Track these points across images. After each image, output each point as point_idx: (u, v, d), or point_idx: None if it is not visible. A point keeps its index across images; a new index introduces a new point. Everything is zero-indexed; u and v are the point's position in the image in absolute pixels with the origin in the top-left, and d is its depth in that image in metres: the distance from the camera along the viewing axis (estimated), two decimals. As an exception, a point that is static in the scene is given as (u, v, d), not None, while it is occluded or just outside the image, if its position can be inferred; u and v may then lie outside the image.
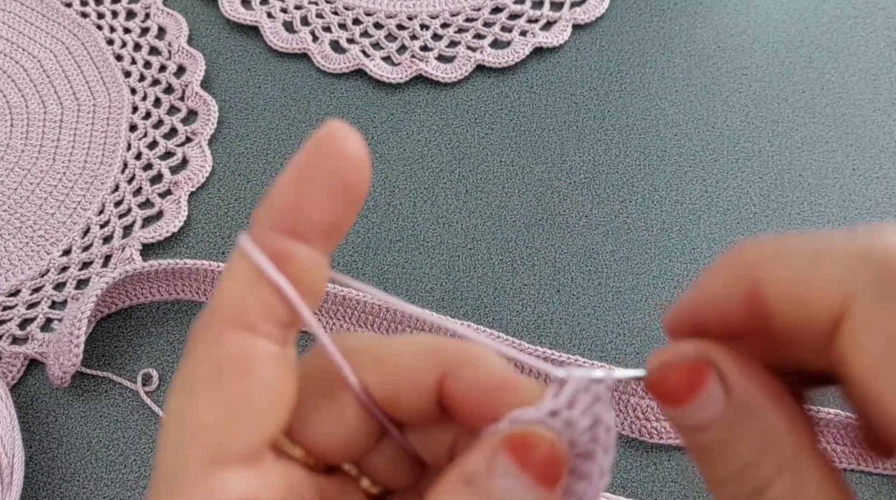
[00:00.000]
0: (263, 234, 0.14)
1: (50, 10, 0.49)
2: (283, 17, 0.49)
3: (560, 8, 0.49)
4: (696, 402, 0.14)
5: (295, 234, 0.14)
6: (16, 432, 0.33)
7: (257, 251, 0.14)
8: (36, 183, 0.43)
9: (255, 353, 0.14)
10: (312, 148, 0.14)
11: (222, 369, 0.14)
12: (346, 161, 0.14)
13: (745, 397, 0.14)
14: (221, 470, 0.14)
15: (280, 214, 0.14)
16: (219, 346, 0.14)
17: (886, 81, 0.47)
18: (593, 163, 0.44)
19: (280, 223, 0.14)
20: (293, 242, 0.14)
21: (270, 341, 0.14)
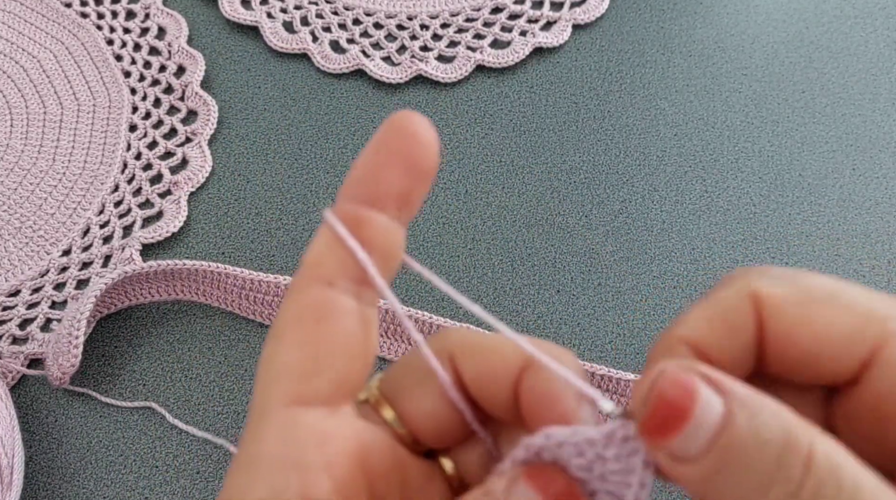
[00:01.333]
0: (343, 204, 0.16)
1: (50, 10, 0.49)
2: (283, 18, 0.49)
3: (560, 8, 0.49)
4: (694, 417, 0.13)
5: (371, 203, 0.16)
6: (16, 432, 0.33)
7: (334, 217, 0.16)
8: (36, 183, 0.43)
9: (333, 303, 0.16)
10: (386, 129, 0.16)
11: (303, 316, 0.16)
12: (415, 139, 0.16)
13: (742, 393, 0.13)
14: (301, 408, 0.15)
15: (356, 185, 0.16)
16: (301, 297, 0.16)
17: (886, 81, 0.47)
18: (593, 163, 0.44)
19: (357, 193, 0.16)
20: (368, 209, 0.16)
21: (348, 295, 0.16)
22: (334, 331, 0.16)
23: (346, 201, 0.16)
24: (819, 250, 0.41)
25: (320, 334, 0.16)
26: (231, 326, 0.39)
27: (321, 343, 0.15)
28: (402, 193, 0.16)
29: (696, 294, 0.40)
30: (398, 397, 0.17)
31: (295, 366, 0.15)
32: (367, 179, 0.16)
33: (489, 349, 0.17)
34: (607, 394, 0.37)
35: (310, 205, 0.42)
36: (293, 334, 0.16)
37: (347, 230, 0.16)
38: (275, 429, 0.15)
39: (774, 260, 0.41)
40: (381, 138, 0.16)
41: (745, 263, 0.41)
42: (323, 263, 0.16)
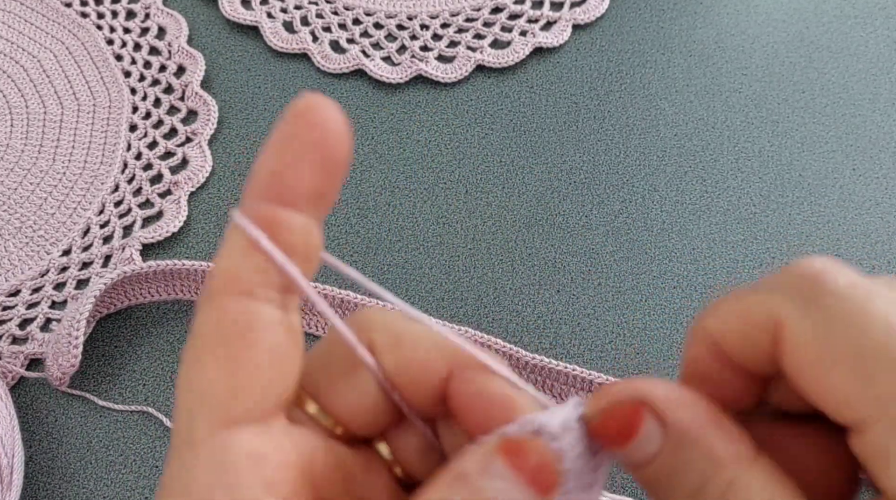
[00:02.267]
0: (252, 205, 0.15)
1: (50, 10, 0.49)
2: (283, 18, 0.49)
3: (560, 8, 0.49)
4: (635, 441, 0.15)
5: (283, 202, 0.15)
6: (16, 431, 0.33)
7: (246, 221, 0.15)
8: (36, 183, 0.43)
9: (256, 316, 0.15)
10: (292, 118, 0.15)
11: (225, 333, 0.15)
12: (326, 129, 0.15)
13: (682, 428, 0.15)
14: (231, 430, 0.14)
15: (265, 183, 0.15)
16: (220, 312, 0.15)
17: (887, 82, 0.47)
18: (593, 163, 0.44)
19: (266, 192, 0.15)
20: (281, 208, 0.15)
21: (271, 305, 0.15)
22: (259, 346, 0.15)
23: (255, 201, 0.15)
24: (819, 250, 0.41)
25: (244, 351, 0.14)
26: (231, 326, 0.39)
27: (246, 360, 0.14)
28: (317, 189, 0.15)
29: (696, 294, 0.40)
30: (322, 390, 0.16)
31: (220, 388, 0.14)
32: (277, 177, 0.15)
33: (415, 343, 0.16)
34: None
35: (310, 205, 0.42)
36: (215, 352, 0.14)
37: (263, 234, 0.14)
38: (206, 456, 0.14)
39: (774, 260, 0.41)
40: (289, 129, 0.15)
41: (745, 263, 0.41)
42: (240, 272, 0.15)
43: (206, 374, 0.14)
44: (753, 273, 0.40)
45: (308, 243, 0.15)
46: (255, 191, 0.15)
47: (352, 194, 0.43)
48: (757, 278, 0.42)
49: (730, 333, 0.15)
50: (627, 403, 0.15)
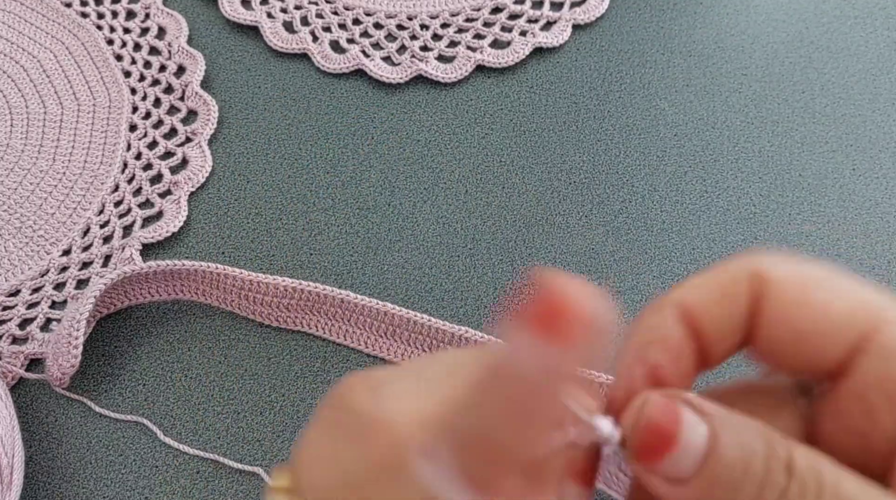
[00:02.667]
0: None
1: (50, 10, 0.49)
2: (283, 18, 0.49)
3: (560, 8, 0.49)
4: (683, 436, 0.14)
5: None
6: (16, 431, 0.33)
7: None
8: (36, 183, 0.43)
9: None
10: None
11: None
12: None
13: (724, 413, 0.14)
14: None
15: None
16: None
17: (887, 82, 0.47)
18: (593, 163, 0.44)
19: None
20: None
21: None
22: None
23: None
24: (819, 251, 0.41)
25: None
26: (231, 325, 0.39)
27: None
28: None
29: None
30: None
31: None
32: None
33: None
34: None
35: (310, 205, 0.42)
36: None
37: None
38: None
39: (774, 260, 0.41)
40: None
41: (745, 263, 0.41)
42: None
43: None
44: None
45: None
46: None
47: (352, 194, 0.43)
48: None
49: (704, 297, 0.16)
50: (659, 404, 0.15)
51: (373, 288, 0.40)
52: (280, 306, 0.38)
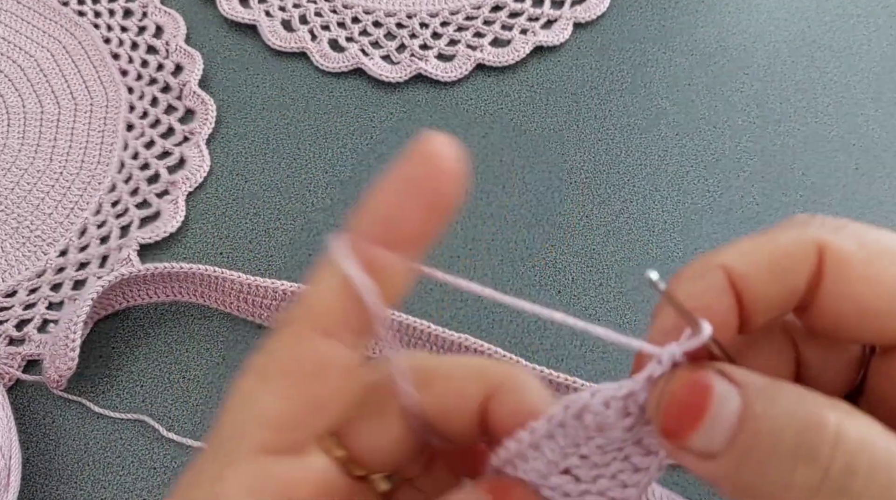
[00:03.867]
0: (359, 242, 0.15)
1: (46, 8, 0.49)
2: (282, 16, 0.48)
3: (561, 6, 0.49)
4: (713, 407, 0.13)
5: (389, 244, 0.15)
6: (13, 433, 0.33)
7: (352, 261, 0.15)
8: (33, 183, 0.43)
9: (330, 359, 0.15)
10: (412, 160, 0.15)
11: (299, 368, 0.15)
12: (443, 173, 0.15)
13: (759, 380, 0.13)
14: (271, 457, 0.15)
15: (377, 224, 0.15)
16: (300, 344, 0.15)
17: (889, 80, 0.46)
18: (593, 163, 0.43)
19: (376, 233, 0.15)
20: (386, 252, 0.15)
21: (346, 349, 0.15)
22: (324, 389, 0.15)
23: (360, 238, 0.15)
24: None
25: (310, 390, 0.15)
26: (229, 327, 0.39)
27: (309, 399, 0.15)
28: (424, 232, 0.15)
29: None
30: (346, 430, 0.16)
31: (276, 417, 0.15)
32: (388, 218, 0.15)
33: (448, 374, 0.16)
34: None
35: (308, 205, 0.42)
36: (281, 382, 0.15)
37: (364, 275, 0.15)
38: (242, 477, 0.14)
39: (776, 260, 0.41)
40: (408, 171, 0.15)
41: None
42: (330, 311, 0.15)
43: (269, 399, 0.15)
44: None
45: (401, 286, 0.15)
46: (365, 227, 0.15)
47: (351, 194, 0.42)
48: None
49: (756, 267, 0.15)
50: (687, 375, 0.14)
51: (372, 289, 0.40)
52: (279, 309, 0.38)
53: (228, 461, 0.15)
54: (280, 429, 0.15)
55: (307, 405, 0.15)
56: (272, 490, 0.15)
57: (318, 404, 0.15)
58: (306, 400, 0.15)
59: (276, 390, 0.15)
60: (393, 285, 0.15)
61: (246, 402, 0.15)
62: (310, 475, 0.15)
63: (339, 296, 0.15)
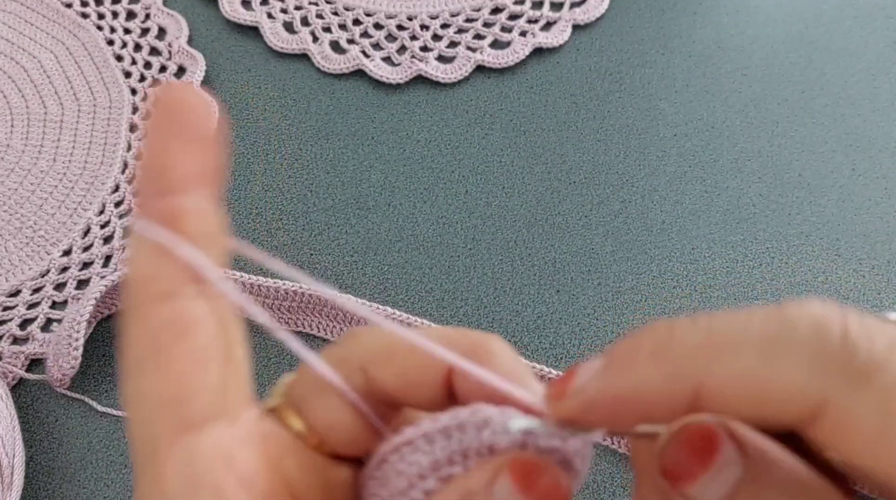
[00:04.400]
0: (146, 203, 0.15)
1: (50, 10, 0.49)
2: (284, 18, 0.49)
3: (560, 8, 0.49)
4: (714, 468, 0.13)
5: (174, 190, 0.15)
6: (16, 432, 0.33)
7: (145, 222, 0.15)
8: (36, 183, 0.43)
9: (182, 315, 0.14)
10: (159, 111, 0.15)
11: (157, 341, 0.14)
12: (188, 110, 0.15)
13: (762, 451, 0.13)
14: (194, 434, 0.14)
15: (152, 179, 0.15)
16: (146, 321, 0.14)
17: (886, 82, 0.47)
18: (593, 163, 0.44)
19: (156, 188, 0.15)
20: (171, 197, 0.15)
21: (194, 300, 0.15)
22: (195, 343, 0.14)
23: (149, 200, 0.15)
24: (819, 251, 0.41)
25: (181, 352, 0.14)
26: (231, 326, 0.39)
27: (185, 361, 0.14)
28: (200, 168, 0.15)
29: (696, 294, 0.40)
30: (304, 406, 0.16)
31: (168, 394, 0.14)
32: (160, 170, 0.15)
33: (404, 352, 0.16)
34: None
35: (309, 205, 0.43)
36: (153, 361, 0.14)
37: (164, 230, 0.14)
38: (173, 464, 0.14)
39: (774, 260, 0.41)
40: (156, 123, 0.15)
41: (745, 263, 0.41)
42: (154, 276, 0.14)
43: (150, 383, 0.14)
44: (752, 273, 0.41)
45: (209, 222, 0.15)
46: (146, 189, 0.15)
47: (352, 194, 0.43)
48: (753, 282, 0.41)
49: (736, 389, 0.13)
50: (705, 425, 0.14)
51: (373, 288, 0.40)
52: (281, 308, 0.38)
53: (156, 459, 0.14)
54: (179, 402, 0.14)
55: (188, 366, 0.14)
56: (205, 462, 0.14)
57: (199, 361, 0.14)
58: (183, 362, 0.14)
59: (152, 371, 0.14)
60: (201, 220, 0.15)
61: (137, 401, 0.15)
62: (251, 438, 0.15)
63: (155, 256, 0.15)
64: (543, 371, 0.37)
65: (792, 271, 0.41)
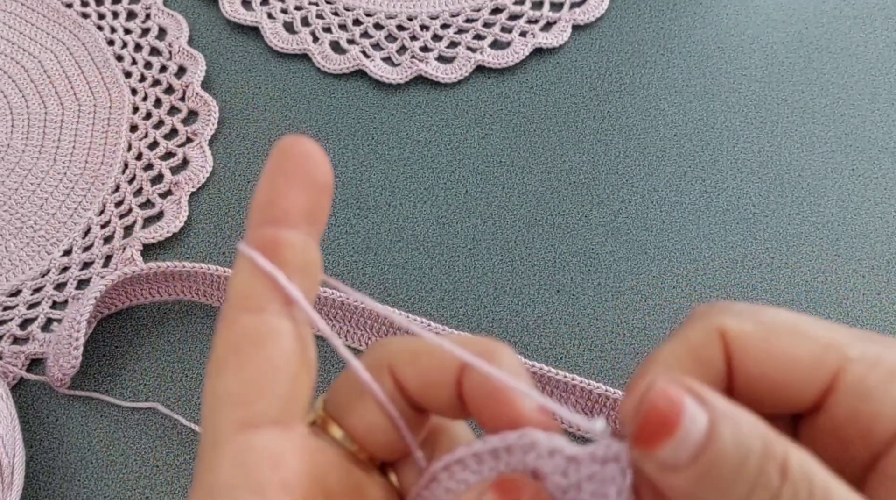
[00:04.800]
0: (255, 231, 0.16)
1: (50, 10, 0.49)
2: (284, 18, 0.49)
3: (560, 9, 0.49)
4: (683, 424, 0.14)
5: (280, 223, 0.16)
6: (16, 431, 0.33)
7: (249, 249, 0.16)
8: (37, 183, 0.43)
9: (267, 327, 0.16)
10: (277, 154, 0.17)
11: (239, 344, 0.16)
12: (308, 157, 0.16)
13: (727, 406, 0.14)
14: (252, 432, 0.15)
15: (263, 210, 0.16)
16: (234, 326, 0.16)
17: (885, 82, 0.47)
18: (593, 163, 0.44)
19: (265, 217, 0.16)
20: (279, 228, 0.16)
21: (281, 318, 0.16)
22: (272, 353, 0.16)
23: (257, 228, 0.16)
24: (819, 250, 0.41)
25: (259, 358, 0.16)
26: (231, 326, 0.39)
27: (261, 366, 0.16)
28: (308, 208, 0.16)
29: (696, 294, 0.40)
30: (343, 413, 0.17)
31: (239, 392, 0.16)
32: (272, 202, 0.16)
33: (426, 354, 0.17)
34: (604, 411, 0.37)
35: (310, 205, 0.43)
36: (232, 361, 0.16)
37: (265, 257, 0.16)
38: (228, 456, 0.15)
39: (774, 260, 0.41)
40: (276, 163, 0.16)
41: (745, 263, 0.41)
42: (249, 293, 0.16)
43: (226, 381, 0.16)
44: (752, 273, 0.41)
45: (306, 257, 0.17)
46: (256, 218, 0.17)
47: (352, 194, 0.43)
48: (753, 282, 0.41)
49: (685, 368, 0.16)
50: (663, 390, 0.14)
51: (373, 288, 0.40)
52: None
53: (215, 450, 0.16)
54: (247, 402, 0.16)
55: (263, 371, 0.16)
56: (256, 460, 0.15)
57: (272, 369, 0.16)
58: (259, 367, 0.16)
59: (230, 370, 0.16)
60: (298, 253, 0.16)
61: (211, 395, 0.16)
62: (300, 448, 0.16)
63: (254, 277, 0.16)
64: (543, 371, 0.37)
65: (792, 271, 0.41)
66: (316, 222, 0.17)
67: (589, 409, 0.37)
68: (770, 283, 0.40)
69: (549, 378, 0.37)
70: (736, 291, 0.40)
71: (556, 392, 0.37)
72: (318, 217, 0.17)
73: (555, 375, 0.37)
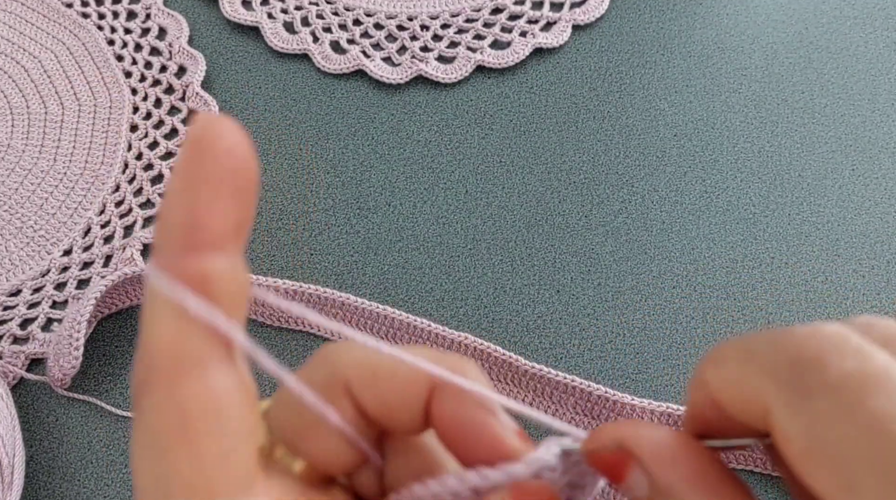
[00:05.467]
0: (171, 259, 0.13)
1: (51, 10, 0.49)
2: (284, 18, 0.49)
3: (560, 9, 0.49)
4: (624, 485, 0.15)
5: (203, 247, 0.13)
6: (16, 431, 0.33)
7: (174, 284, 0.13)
8: (37, 183, 0.43)
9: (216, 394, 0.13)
10: (193, 151, 0.13)
11: (188, 421, 0.13)
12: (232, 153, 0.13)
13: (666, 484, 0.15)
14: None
15: (183, 230, 0.13)
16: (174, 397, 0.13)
17: (886, 82, 0.47)
18: (593, 163, 0.44)
19: (186, 241, 0.13)
20: (204, 256, 0.13)
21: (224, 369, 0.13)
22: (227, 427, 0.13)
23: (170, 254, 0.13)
24: (819, 250, 0.41)
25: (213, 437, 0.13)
26: (231, 326, 0.39)
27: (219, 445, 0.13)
28: (236, 222, 0.13)
29: (696, 294, 0.40)
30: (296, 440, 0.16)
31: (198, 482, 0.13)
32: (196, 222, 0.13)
33: (390, 375, 0.15)
34: (603, 412, 0.37)
35: (310, 205, 0.43)
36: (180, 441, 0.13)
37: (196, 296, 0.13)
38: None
39: (774, 260, 0.41)
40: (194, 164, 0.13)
41: (745, 263, 0.41)
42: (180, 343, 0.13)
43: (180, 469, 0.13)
44: (752, 273, 0.41)
45: (239, 283, 0.14)
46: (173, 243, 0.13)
47: (352, 194, 0.43)
48: (753, 282, 0.41)
49: (726, 395, 0.14)
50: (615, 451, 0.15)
51: (373, 288, 0.40)
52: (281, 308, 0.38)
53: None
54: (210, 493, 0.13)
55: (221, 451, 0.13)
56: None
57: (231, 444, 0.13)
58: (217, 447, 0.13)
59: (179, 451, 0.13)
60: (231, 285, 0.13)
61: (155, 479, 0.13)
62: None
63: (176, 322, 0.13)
64: (543, 371, 0.37)
65: (792, 271, 0.41)
66: (244, 233, 0.14)
67: (588, 410, 0.37)
68: (770, 283, 0.40)
69: (548, 380, 0.37)
70: (736, 291, 0.40)
71: (555, 394, 0.37)
72: (247, 225, 0.14)
73: (554, 376, 0.37)
